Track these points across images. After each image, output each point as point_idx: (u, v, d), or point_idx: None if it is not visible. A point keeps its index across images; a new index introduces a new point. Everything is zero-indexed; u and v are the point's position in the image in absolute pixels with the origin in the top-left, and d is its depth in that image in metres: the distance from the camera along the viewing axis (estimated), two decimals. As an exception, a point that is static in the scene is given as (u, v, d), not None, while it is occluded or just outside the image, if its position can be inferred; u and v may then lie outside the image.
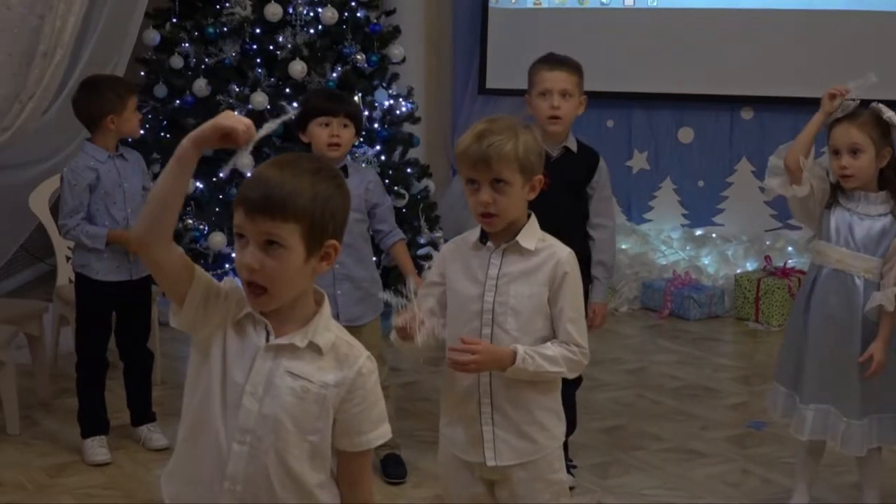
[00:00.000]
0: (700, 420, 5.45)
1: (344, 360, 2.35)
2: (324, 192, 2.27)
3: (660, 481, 4.73)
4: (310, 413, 2.32)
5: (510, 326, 3.04)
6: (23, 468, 4.79)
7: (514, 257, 3.06)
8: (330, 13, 6.77)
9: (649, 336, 6.98)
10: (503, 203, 3.00)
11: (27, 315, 5.52)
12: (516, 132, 3.01)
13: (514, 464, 3.12)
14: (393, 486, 4.60)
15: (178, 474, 2.43)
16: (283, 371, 2.30)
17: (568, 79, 4.31)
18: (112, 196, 4.80)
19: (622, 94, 7.95)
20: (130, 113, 4.82)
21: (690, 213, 8.06)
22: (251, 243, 2.24)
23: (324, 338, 2.33)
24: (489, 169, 2.98)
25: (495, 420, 3.10)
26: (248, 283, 2.27)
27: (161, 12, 7.04)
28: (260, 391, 2.30)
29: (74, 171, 4.77)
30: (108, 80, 5.04)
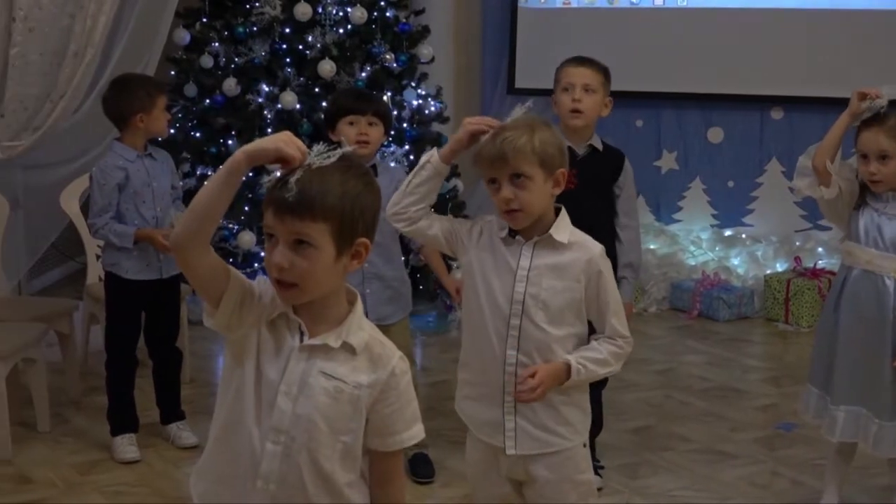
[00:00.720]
0: (729, 421, 5.43)
1: (377, 361, 2.34)
2: (352, 190, 2.26)
3: (688, 482, 4.71)
4: (343, 413, 2.32)
5: (539, 319, 3.04)
6: (53, 465, 4.81)
7: (545, 251, 3.06)
8: (359, 13, 6.78)
9: (678, 337, 6.96)
10: (525, 197, 2.99)
11: (58, 313, 5.54)
12: (532, 127, 3.01)
13: (535, 454, 3.12)
14: (421, 485, 4.60)
15: (208, 473, 2.43)
16: (316, 371, 2.30)
17: (592, 75, 4.30)
18: (141, 195, 4.82)
19: (651, 94, 7.93)
20: (160, 112, 4.83)
21: (720, 213, 8.03)
22: (281, 243, 2.24)
23: (357, 337, 2.33)
24: (506, 164, 2.98)
25: (518, 410, 3.10)
26: (276, 281, 2.27)
27: (191, 12, 7.07)
28: (294, 391, 2.30)
29: (103, 170, 4.79)
30: (139, 78, 5.05)
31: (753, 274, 7.57)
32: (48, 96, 5.87)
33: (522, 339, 3.05)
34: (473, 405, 3.20)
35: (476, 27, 8.45)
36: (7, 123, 5.78)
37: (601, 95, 4.32)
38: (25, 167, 6.32)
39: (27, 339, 5.02)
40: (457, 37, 8.16)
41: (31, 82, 5.78)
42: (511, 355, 3.06)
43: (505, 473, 3.18)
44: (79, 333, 5.81)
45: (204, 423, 5.08)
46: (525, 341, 3.05)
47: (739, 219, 7.99)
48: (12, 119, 5.79)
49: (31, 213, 6.45)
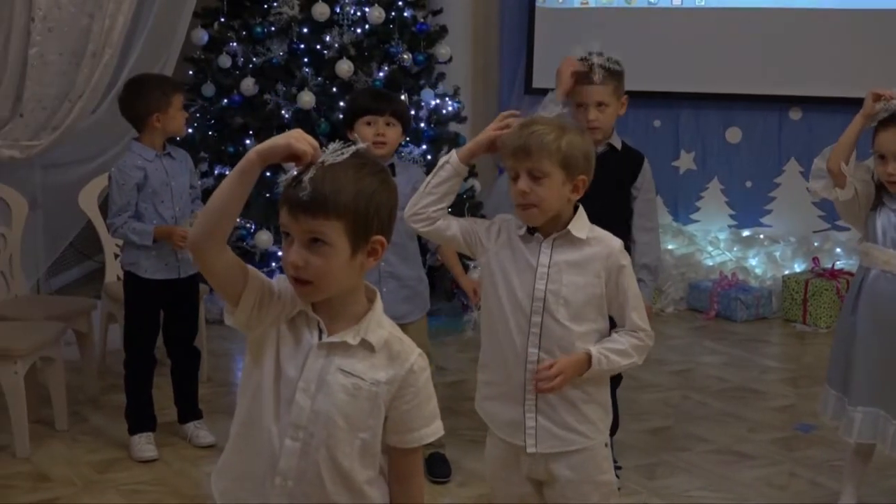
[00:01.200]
0: (747, 422, 5.41)
1: (396, 358, 2.34)
2: (367, 188, 2.26)
3: (706, 483, 4.70)
4: (362, 410, 2.32)
5: (561, 315, 3.04)
6: (71, 464, 4.83)
7: (565, 247, 3.06)
8: (377, 13, 6.79)
9: (696, 337, 6.94)
10: (541, 193, 2.99)
11: (76, 312, 5.56)
12: (563, 129, 3.00)
13: (555, 452, 3.12)
14: (438, 484, 4.60)
15: (229, 470, 2.44)
16: (335, 368, 2.31)
17: (603, 91, 4.26)
18: (160, 195, 4.83)
19: (669, 94, 7.92)
20: (176, 111, 4.84)
21: (738, 213, 8.02)
22: (296, 241, 2.25)
23: (376, 335, 2.33)
24: (527, 157, 2.97)
25: (539, 408, 3.09)
26: (293, 278, 2.27)
27: (209, 12, 7.09)
28: (312, 388, 2.30)
29: (122, 170, 4.80)
30: (154, 78, 5.07)
31: (771, 274, 7.55)
32: (67, 96, 5.89)
33: (544, 336, 3.05)
34: (494, 405, 3.20)
35: (494, 27, 8.44)
36: (26, 123, 5.80)
37: (615, 103, 4.30)
38: (44, 167, 6.35)
39: (46, 337, 5.04)
40: (474, 36, 8.16)
41: (50, 82, 5.81)
42: (532, 353, 3.06)
43: (525, 473, 3.18)
44: (97, 332, 5.82)
45: (221, 422, 5.10)
46: (546, 338, 3.05)
47: (757, 219, 7.97)
48: (31, 119, 5.81)
49: (50, 213, 6.48)
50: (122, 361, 4.96)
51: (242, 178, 2.24)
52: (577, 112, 4.29)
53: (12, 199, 5.62)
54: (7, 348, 4.84)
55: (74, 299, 6.01)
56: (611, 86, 4.27)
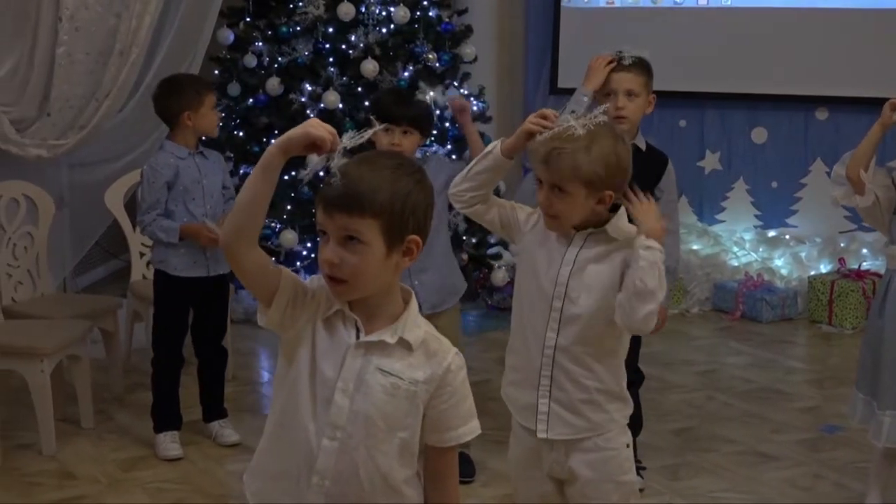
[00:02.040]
0: (772, 423, 5.40)
1: (433, 357, 2.35)
2: (403, 188, 2.26)
3: (730, 484, 4.69)
4: (400, 409, 2.32)
5: (581, 302, 3.03)
6: (96, 462, 4.85)
7: (596, 243, 3.05)
8: (402, 12, 6.79)
9: (721, 338, 6.93)
10: (561, 207, 2.98)
11: (102, 310, 5.59)
12: (594, 141, 2.93)
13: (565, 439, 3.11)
14: (462, 484, 4.58)
15: (263, 471, 2.43)
16: (373, 368, 2.31)
17: (633, 79, 4.27)
18: (191, 193, 4.85)
19: (695, 94, 7.89)
20: (207, 110, 4.87)
21: (763, 214, 7.98)
22: (331, 239, 2.25)
23: (413, 334, 2.34)
24: (546, 173, 2.97)
25: (553, 394, 3.09)
26: (328, 277, 2.28)
27: (235, 11, 7.11)
28: (351, 388, 2.30)
29: (153, 168, 4.83)
30: (186, 78, 5.10)
31: (797, 275, 7.52)
32: (94, 95, 5.92)
33: (563, 322, 3.05)
34: (515, 389, 3.21)
35: (519, 27, 8.44)
36: (53, 122, 5.83)
37: (644, 97, 4.30)
38: (71, 165, 6.39)
39: (72, 336, 5.07)
40: (500, 36, 8.15)
41: (77, 81, 5.84)
42: (550, 337, 3.06)
43: (547, 472, 3.18)
44: (122, 331, 5.85)
45: (246, 421, 5.12)
46: (566, 324, 3.05)
47: (783, 219, 7.93)
48: (58, 118, 5.84)
49: (77, 211, 6.51)
50: (150, 359, 4.99)
51: (266, 174, 2.24)
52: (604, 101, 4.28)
53: (39, 197, 5.65)
54: (34, 347, 4.86)
55: (100, 298, 6.03)
56: (641, 77, 4.28)
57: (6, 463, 4.76)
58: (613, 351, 3.11)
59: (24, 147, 5.76)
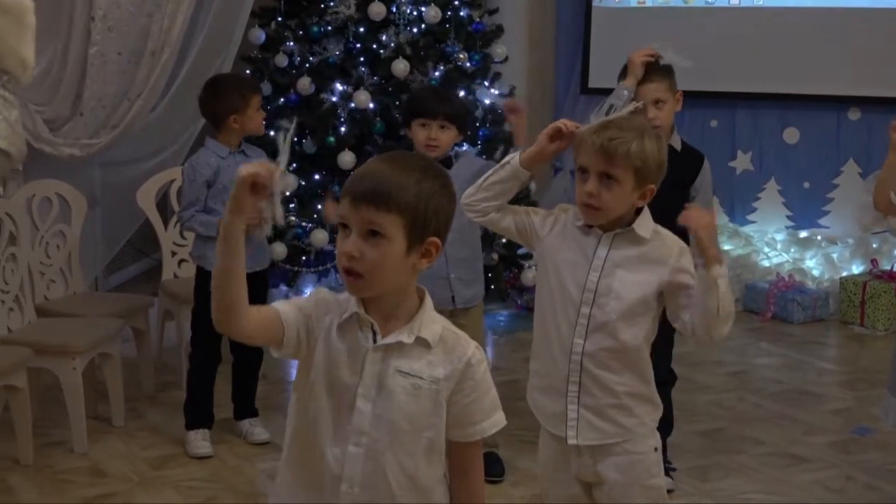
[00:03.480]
0: (802, 425, 5.38)
1: (452, 352, 2.34)
2: (429, 189, 2.27)
3: (760, 486, 4.67)
4: (424, 409, 2.32)
5: (610, 309, 3.02)
6: (127, 459, 4.87)
7: (625, 244, 3.04)
8: (433, 12, 6.80)
9: (751, 339, 6.90)
10: (607, 198, 2.96)
11: (133, 309, 5.62)
12: (643, 135, 2.96)
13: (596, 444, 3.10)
14: (491, 484, 4.59)
15: (288, 483, 2.42)
16: (393, 370, 2.31)
17: (658, 87, 4.29)
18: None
19: (726, 94, 7.87)
20: (254, 111, 4.90)
21: (795, 214, 7.95)
22: (354, 232, 2.25)
23: (430, 331, 2.33)
24: (604, 161, 2.94)
25: (581, 400, 3.08)
26: (345, 270, 2.27)
27: (266, 11, 7.13)
28: (372, 393, 2.30)
29: (194, 166, 4.88)
30: (231, 79, 5.13)
31: (829, 276, 7.49)
32: (126, 95, 5.95)
33: (591, 328, 3.04)
34: (541, 396, 3.19)
35: (550, 26, 8.43)
36: (86, 121, 5.86)
37: (672, 100, 4.33)
38: (103, 165, 6.42)
39: (104, 334, 5.09)
40: (530, 36, 8.14)
41: (110, 81, 5.87)
42: (578, 344, 3.04)
43: (575, 474, 3.17)
44: (154, 329, 5.87)
45: (276, 420, 5.13)
46: (593, 331, 3.04)
47: (815, 220, 7.90)
48: (91, 117, 5.87)
49: (109, 210, 6.54)
50: (188, 355, 5.00)
51: (229, 244, 2.26)
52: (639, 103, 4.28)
53: (72, 196, 5.68)
54: (66, 345, 4.89)
55: (132, 296, 6.06)
56: (665, 83, 4.31)
57: (38, 460, 4.79)
58: (640, 354, 3.10)
59: (57, 146, 5.80)
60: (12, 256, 5.10)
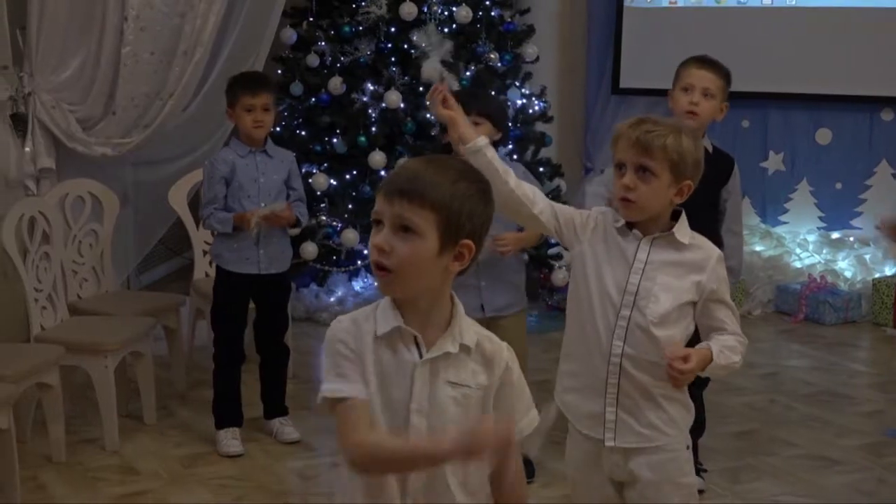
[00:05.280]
0: (834, 427, 5.35)
1: (490, 358, 2.35)
2: (464, 189, 2.26)
3: (792, 488, 4.65)
4: (474, 417, 2.32)
5: (649, 312, 3.01)
6: (158, 457, 4.89)
7: (664, 248, 3.04)
8: (464, 12, 6.80)
9: (783, 340, 6.87)
10: (644, 192, 2.96)
11: (165, 308, 5.64)
12: (680, 132, 2.98)
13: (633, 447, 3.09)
14: (521, 485, 4.58)
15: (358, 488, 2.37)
16: (442, 382, 2.30)
17: (713, 79, 4.26)
18: (246, 190, 4.88)
19: (758, 95, 7.82)
20: (241, 111, 4.87)
21: (827, 215, 7.91)
22: (386, 227, 2.24)
23: (469, 336, 2.33)
24: (642, 153, 2.95)
25: (620, 402, 3.07)
26: (375, 264, 2.26)
27: (298, 11, 7.15)
28: (425, 407, 2.29)
29: (213, 163, 4.91)
30: (238, 75, 5.14)
31: (861, 277, 7.45)
32: (158, 94, 5.97)
33: (630, 330, 3.03)
34: (575, 397, 3.18)
35: (581, 26, 8.41)
36: (118, 121, 5.89)
37: (719, 100, 4.29)
38: (135, 164, 6.45)
39: (135, 332, 5.12)
40: (561, 36, 8.13)
41: (142, 81, 5.89)
42: (617, 346, 3.04)
43: (607, 474, 3.16)
44: (185, 328, 5.90)
45: (306, 419, 5.15)
46: (632, 333, 3.03)
47: (847, 221, 7.85)
48: (123, 116, 5.90)
49: (141, 209, 6.57)
50: (212, 356, 5.02)
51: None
52: (679, 95, 4.26)
53: (104, 195, 5.71)
54: (98, 343, 4.92)
55: (164, 295, 6.09)
56: (721, 80, 4.29)
57: (70, 457, 4.82)
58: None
59: (90, 145, 5.83)
60: (45, 255, 5.13)
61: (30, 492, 4.51)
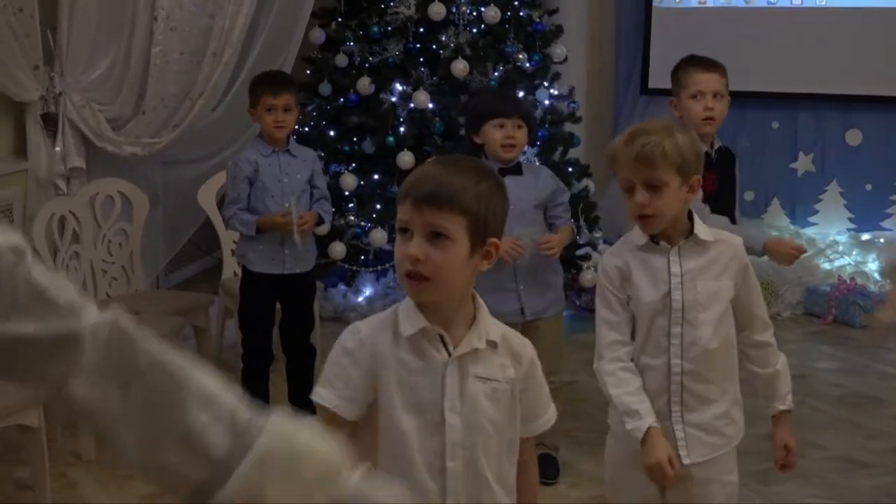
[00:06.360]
0: (864, 429, 5.32)
1: (517, 353, 2.38)
2: (487, 189, 2.29)
3: (821, 490, 4.63)
4: (505, 411, 2.36)
5: (701, 321, 3.01)
6: (187, 456, 4.90)
7: (692, 253, 3.03)
8: (493, 12, 6.79)
9: (812, 342, 6.84)
10: (658, 204, 2.95)
11: (194, 307, 5.65)
12: (671, 131, 2.97)
13: (708, 458, 3.11)
14: (546, 486, 4.58)
15: None
16: (472, 377, 2.31)
17: (719, 80, 4.32)
18: (269, 190, 4.89)
19: (788, 95, 7.80)
20: (262, 111, 4.90)
21: (857, 217, 7.87)
22: (416, 235, 2.24)
23: (494, 331, 2.36)
24: (645, 168, 2.93)
25: (685, 419, 3.07)
26: (408, 274, 2.26)
27: (327, 12, 7.16)
28: (458, 405, 2.30)
29: (236, 163, 4.93)
30: (262, 74, 5.16)
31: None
32: (187, 94, 5.99)
33: (685, 346, 3.02)
34: None
35: (610, 27, 8.40)
36: (148, 121, 5.92)
37: (727, 99, 4.34)
38: (164, 164, 6.47)
39: (165, 332, 5.12)
40: (590, 36, 8.12)
41: (172, 81, 5.92)
42: (676, 364, 3.03)
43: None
44: (214, 327, 5.91)
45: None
46: (688, 348, 3.02)
47: (877, 223, 7.81)
48: (153, 116, 5.92)
49: (170, 209, 6.60)
50: (241, 355, 5.03)
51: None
52: (691, 103, 4.27)
53: (134, 195, 5.74)
54: (127, 342, 4.93)
55: (193, 294, 6.11)
56: (725, 79, 4.36)
57: (100, 456, 4.84)
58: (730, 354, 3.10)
59: (120, 145, 5.86)
60: (75, 254, 5.16)
61: (60, 490, 4.53)
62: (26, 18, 5.39)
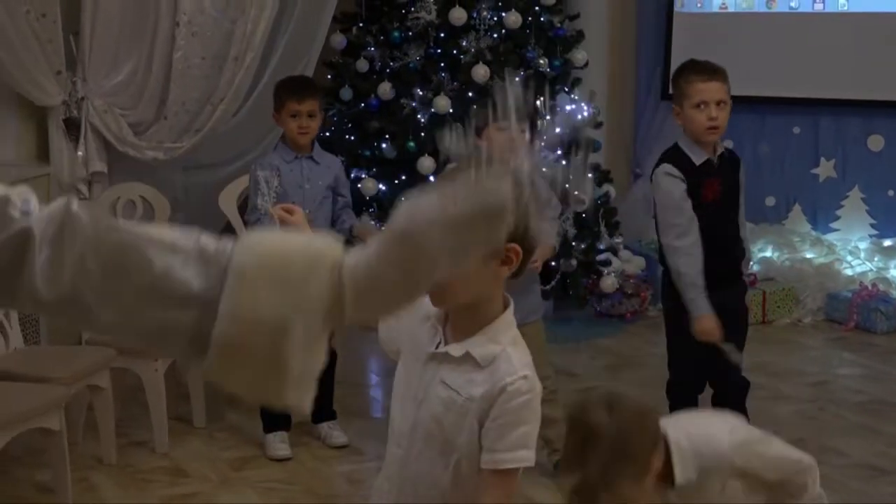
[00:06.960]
0: (886, 436, 5.29)
1: (495, 374, 2.30)
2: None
3: (842, 498, 4.60)
4: (454, 425, 2.30)
5: None
6: (207, 460, 4.92)
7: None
8: (514, 17, 6.79)
9: (834, 349, 6.81)
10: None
11: (215, 311, 5.66)
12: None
13: None
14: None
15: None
16: (438, 380, 2.32)
17: (722, 88, 4.31)
18: (291, 196, 4.88)
19: (809, 101, 7.76)
20: (286, 116, 4.91)
21: (879, 223, 7.82)
22: None
23: (485, 350, 2.31)
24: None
25: None
26: None
27: (348, 17, 7.17)
28: (420, 397, 2.33)
29: (258, 168, 4.92)
30: (286, 80, 5.17)
31: (913, 286, 7.37)
32: (209, 99, 6.01)
33: None
34: None
35: (631, 32, 8.39)
36: (170, 125, 5.94)
37: (730, 103, 4.34)
38: (186, 168, 6.48)
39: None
40: (611, 42, 8.10)
41: (193, 85, 5.94)
42: None
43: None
44: (234, 331, 5.91)
45: (354, 424, 5.16)
46: None
47: (900, 229, 7.78)
48: (175, 121, 5.95)
49: (191, 213, 6.60)
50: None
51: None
52: (695, 113, 4.27)
53: (155, 199, 5.76)
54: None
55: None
56: (727, 85, 4.35)
57: (121, 459, 4.86)
58: None
59: (141, 149, 5.88)
60: (97, 258, 5.17)
61: (81, 493, 4.56)
62: (49, 24, 5.42)
